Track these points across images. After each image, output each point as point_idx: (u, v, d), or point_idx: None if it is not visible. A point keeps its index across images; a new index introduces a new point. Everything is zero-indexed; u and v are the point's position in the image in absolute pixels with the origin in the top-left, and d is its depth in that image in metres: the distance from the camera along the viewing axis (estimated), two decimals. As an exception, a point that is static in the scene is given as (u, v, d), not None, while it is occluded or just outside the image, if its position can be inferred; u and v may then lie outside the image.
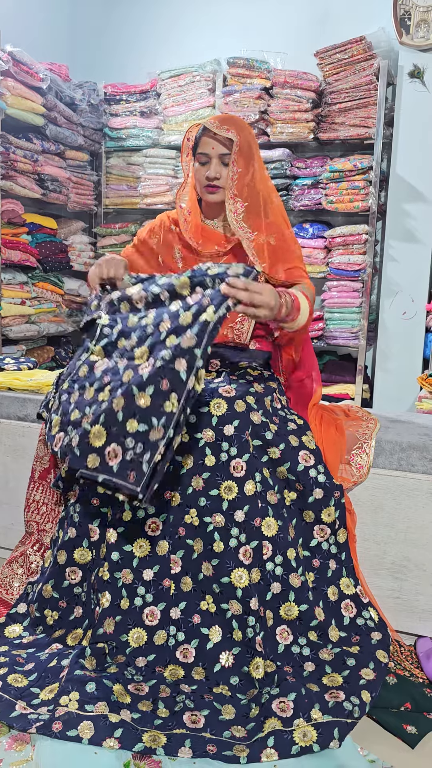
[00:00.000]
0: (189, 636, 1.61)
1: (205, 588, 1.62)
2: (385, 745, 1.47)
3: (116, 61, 4.36)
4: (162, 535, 1.65)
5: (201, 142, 1.86)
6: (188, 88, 3.92)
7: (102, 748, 1.38)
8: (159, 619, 1.62)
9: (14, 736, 1.42)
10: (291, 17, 3.95)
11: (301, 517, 1.73)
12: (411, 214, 3.62)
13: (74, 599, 1.72)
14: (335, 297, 3.72)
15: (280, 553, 1.64)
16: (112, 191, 4.26)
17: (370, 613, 1.72)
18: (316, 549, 1.73)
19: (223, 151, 1.85)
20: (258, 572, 1.61)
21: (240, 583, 1.58)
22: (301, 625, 1.64)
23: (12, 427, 2.19)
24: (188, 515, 1.64)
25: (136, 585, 1.62)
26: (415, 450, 1.84)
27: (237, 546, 1.60)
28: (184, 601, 1.63)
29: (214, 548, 1.61)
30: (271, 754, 1.39)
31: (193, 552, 1.63)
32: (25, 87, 3.39)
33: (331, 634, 1.67)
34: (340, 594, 1.72)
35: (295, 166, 3.75)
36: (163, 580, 1.64)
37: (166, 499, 1.66)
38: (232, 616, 1.59)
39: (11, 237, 3.49)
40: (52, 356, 3.95)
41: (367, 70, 3.48)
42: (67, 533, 1.72)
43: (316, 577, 1.71)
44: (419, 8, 3.44)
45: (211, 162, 1.86)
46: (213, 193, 1.88)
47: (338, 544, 1.75)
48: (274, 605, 1.63)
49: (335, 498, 1.72)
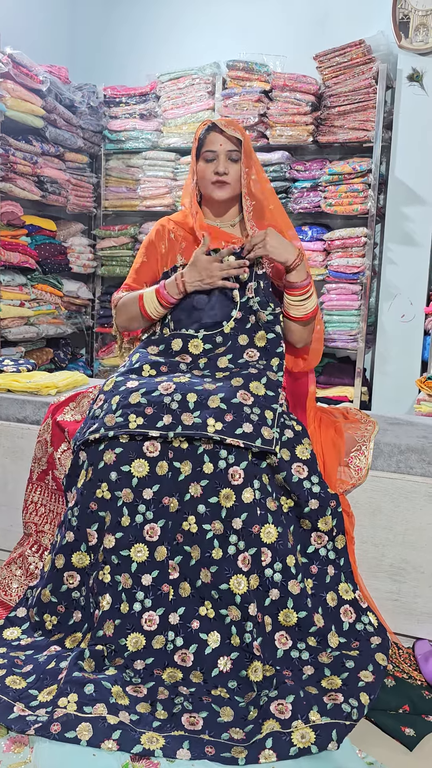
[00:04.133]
0: (187, 641, 1.61)
1: (203, 594, 1.62)
2: (384, 747, 1.47)
3: (116, 63, 4.37)
4: (160, 540, 1.65)
5: (207, 140, 1.88)
6: (188, 90, 3.93)
7: (100, 749, 1.38)
8: (158, 624, 1.62)
9: (12, 738, 1.42)
10: (290, 20, 3.96)
11: (298, 524, 1.73)
12: (410, 217, 3.63)
13: (73, 604, 1.72)
14: (334, 300, 3.73)
15: (279, 560, 1.64)
16: (112, 193, 4.26)
17: (369, 618, 1.72)
18: (314, 555, 1.72)
19: (231, 147, 1.86)
20: (257, 578, 1.61)
21: (239, 590, 1.58)
22: (300, 631, 1.64)
23: (11, 429, 2.19)
24: (186, 522, 1.64)
25: (135, 590, 1.62)
26: (414, 452, 1.84)
27: (236, 553, 1.60)
28: (183, 607, 1.63)
29: (213, 555, 1.61)
30: (270, 755, 1.39)
31: (191, 558, 1.63)
32: (25, 89, 3.40)
33: (331, 640, 1.66)
34: (338, 599, 1.71)
35: (295, 168, 3.76)
36: (161, 585, 1.64)
37: (165, 505, 1.66)
38: (230, 621, 1.59)
39: (10, 239, 3.49)
40: (51, 358, 3.95)
41: (366, 73, 3.49)
42: (65, 537, 1.71)
43: (314, 584, 1.71)
44: (418, 12, 3.45)
45: (219, 158, 1.87)
46: (221, 189, 1.89)
47: (336, 550, 1.75)
48: (273, 611, 1.63)
49: (331, 507, 1.72)
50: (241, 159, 1.88)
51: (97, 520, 1.69)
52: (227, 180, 1.88)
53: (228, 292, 1.88)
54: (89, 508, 1.69)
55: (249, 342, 1.87)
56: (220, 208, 1.96)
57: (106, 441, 1.69)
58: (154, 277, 2.00)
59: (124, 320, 1.99)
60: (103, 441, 1.70)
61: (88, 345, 4.50)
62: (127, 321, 1.98)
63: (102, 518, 1.68)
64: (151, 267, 2.00)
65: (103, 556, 1.65)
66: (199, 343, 1.87)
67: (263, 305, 1.88)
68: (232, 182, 1.89)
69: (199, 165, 1.90)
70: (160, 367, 1.83)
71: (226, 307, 1.88)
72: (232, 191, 1.90)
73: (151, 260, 2.00)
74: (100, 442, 1.70)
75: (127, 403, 1.70)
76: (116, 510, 1.66)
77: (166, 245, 1.98)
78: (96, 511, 1.68)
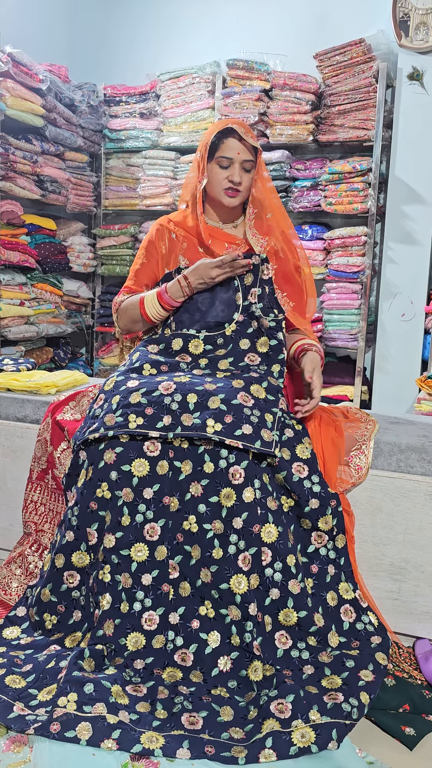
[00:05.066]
0: (187, 641, 1.61)
1: (203, 594, 1.62)
2: (384, 746, 1.47)
3: (116, 62, 4.36)
4: (161, 540, 1.65)
5: (224, 146, 1.85)
6: (188, 89, 3.92)
7: (100, 749, 1.38)
8: (157, 624, 1.62)
9: (12, 738, 1.41)
10: (290, 19, 3.95)
11: (298, 523, 1.73)
12: (410, 216, 3.63)
13: (72, 603, 1.72)
14: (334, 299, 3.73)
15: (279, 560, 1.63)
16: (112, 192, 4.26)
17: (369, 617, 1.72)
18: (314, 555, 1.72)
19: (248, 157, 1.85)
20: (257, 578, 1.61)
21: (239, 589, 1.58)
22: (300, 630, 1.64)
23: (10, 428, 2.19)
24: (187, 521, 1.64)
25: (135, 589, 1.62)
26: (414, 451, 1.84)
27: (236, 552, 1.60)
28: (183, 606, 1.63)
29: (213, 555, 1.60)
30: (270, 754, 1.38)
31: (191, 558, 1.63)
32: (25, 88, 3.39)
33: (331, 639, 1.66)
34: (339, 599, 1.71)
35: (295, 167, 3.75)
36: (161, 585, 1.64)
37: (165, 505, 1.66)
38: (231, 621, 1.59)
39: (10, 238, 3.49)
40: (51, 357, 3.95)
41: (367, 72, 3.49)
42: (65, 537, 1.71)
43: (315, 583, 1.70)
44: (418, 11, 3.45)
45: (234, 166, 1.86)
46: (233, 197, 1.89)
47: (336, 549, 1.74)
48: (273, 611, 1.63)
49: (331, 507, 1.72)
50: (254, 169, 1.88)
51: (97, 519, 1.68)
52: (240, 189, 1.87)
53: (231, 295, 1.88)
54: (89, 507, 1.69)
55: (251, 346, 1.87)
56: (228, 213, 1.96)
57: (107, 440, 1.69)
58: (155, 278, 1.99)
59: (126, 323, 1.99)
60: (104, 440, 1.70)
61: (87, 344, 4.50)
62: (129, 324, 1.98)
63: (102, 518, 1.68)
64: (152, 268, 1.99)
65: (103, 555, 1.65)
66: (199, 344, 1.87)
67: (266, 311, 1.88)
68: (243, 191, 1.89)
69: (212, 167, 1.88)
70: (161, 367, 1.83)
71: (229, 310, 1.88)
72: (242, 199, 1.91)
73: (151, 261, 1.99)
74: (100, 441, 1.70)
75: (127, 403, 1.70)
76: (116, 509, 1.65)
77: (167, 245, 1.97)
78: (96, 510, 1.68)
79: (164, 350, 1.89)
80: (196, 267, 1.84)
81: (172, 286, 1.87)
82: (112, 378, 1.80)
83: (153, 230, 2.00)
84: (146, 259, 1.99)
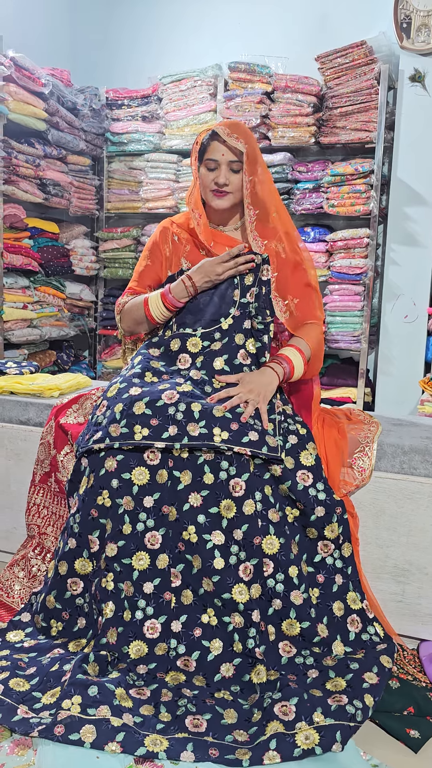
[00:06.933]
0: (190, 648, 1.60)
1: (206, 602, 1.61)
2: (388, 749, 1.47)
3: (118, 65, 4.38)
4: (162, 548, 1.65)
5: (210, 148, 1.86)
6: (190, 92, 3.93)
7: (104, 752, 1.38)
8: (160, 632, 1.61)
9: (16, 741, 1.41)
10: (292, 22, 3.96)
11: (304, 533, 1.72)
12: (412, 218, 3.63)
13: (77, 610, 1.72)
14: (337, 300, 3.73)
15: (281, 571, 1.63)
16: (114, 195, 4.27)
17: (375, 628, 1.71)
18: (321, 564, 1.71)
19: (232, 158, 1.85)
20: (258, 588, 1.60)
21: (241, 599, 1.58)
22: (304, 641, 1.64)
23: (14, 431, 2.19)
24: (186, 531, 1.63)
25: (136, 598, 1.62)
26: (417, 453, 1.84)
27: (237, 563, 1.60)
28: (185, 614, 1.62)
29: (215, 565, 1.60)
30: (274, 756, 1.38)
31: (192, 567, 1.63)
32: (27, 92, 3.41)
33: (336, 648, 1.66)
34: (346, 609, 1.70)
35: (297, 170, 3.76)
36: (163, 593, 1.63)
37: (164, 514, 1.66)
38: (233, 629, 1.59)
39: (13, 241, 3.50)
40: (54, 360, 3.96)
41: (368, 74, 3.49)
42: (67, 544, 1.71)
43: (321, 593, 1.69)
44: (420, 13, 3.45)
45: (221, 168, 1.85)
46: (221, 199, 1.88)
47: (343, 558, 1.73)
48: (276, 621, 1.63)
49: (337, 514, 1.72)
50: (243, 169, 1.86)
51: (99, 527, 1.68)
52: (228, 190, 1.87)
53: (230, 292, 1.88)
54: (90, 515, 1.68)
55: (244, 343, 1.87)
56: (222, 215, 1.95)
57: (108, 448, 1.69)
58: (158, 280, 1.99)
59: (130, 325, 1.98)
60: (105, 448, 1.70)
61: (91, 347, 4.51)
62: (133, 325, 1.98)
63: (103, 525, 1.67)
64: (155, 270, 1.99)
65: (105, 563, 1.65)
66: (197, 342, 1.87)
67: (260, 311, 1.87)
68: (233, 191, 1.87)
69: (202, 171, 1.89)
70: (162, 376, 1.83)
71: (226, 306, 1.88)
72: (233, 200, 1.89)
73: (155, 263, 1.99)
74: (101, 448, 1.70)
75: (131, 413, 1.69)
76: (117, 518, 1.65)
77: (170, 248, 1.97)
78: (97, 518, 1.67)
79: (164, 352, 1.90)
80: (200, 266, 1.84)
81: (176, 286, 1.87)
82: (115, 384, 1.80)
83: (157, 232, 2.00)
84: (150, 261, 1.99)
